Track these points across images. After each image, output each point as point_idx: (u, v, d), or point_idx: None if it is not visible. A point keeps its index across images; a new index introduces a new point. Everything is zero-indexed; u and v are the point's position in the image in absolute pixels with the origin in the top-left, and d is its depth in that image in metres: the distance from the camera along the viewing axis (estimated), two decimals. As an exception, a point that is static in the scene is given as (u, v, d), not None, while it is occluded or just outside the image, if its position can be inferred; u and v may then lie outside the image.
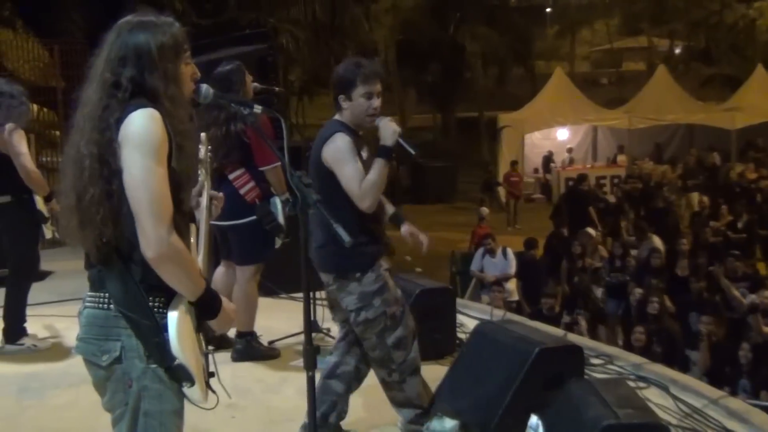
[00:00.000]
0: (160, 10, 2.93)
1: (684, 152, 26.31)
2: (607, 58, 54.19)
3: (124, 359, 2.77)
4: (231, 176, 6.05)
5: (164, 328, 2.74)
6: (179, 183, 2.83)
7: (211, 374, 2.96)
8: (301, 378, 3.41)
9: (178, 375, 2.75)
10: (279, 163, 5.92)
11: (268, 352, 6.45)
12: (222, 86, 5.74)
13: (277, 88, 7.46)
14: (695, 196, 20.43)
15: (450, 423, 4.80)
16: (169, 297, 2.79)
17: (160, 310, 2.77)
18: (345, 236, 3.15)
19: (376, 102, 4.45)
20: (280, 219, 6.08)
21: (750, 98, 25.64)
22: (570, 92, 26.75)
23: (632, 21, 50.04)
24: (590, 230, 15.72)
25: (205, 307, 2.86)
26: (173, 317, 2.75)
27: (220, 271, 6.45)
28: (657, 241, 14.57)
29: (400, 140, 4.33)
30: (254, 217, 6.05)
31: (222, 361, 6.01)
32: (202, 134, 3.74)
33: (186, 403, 2.88)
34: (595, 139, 27.85)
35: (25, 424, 5.33)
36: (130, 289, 2.75)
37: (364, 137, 4.50)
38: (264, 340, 6.57)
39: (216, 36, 10.63)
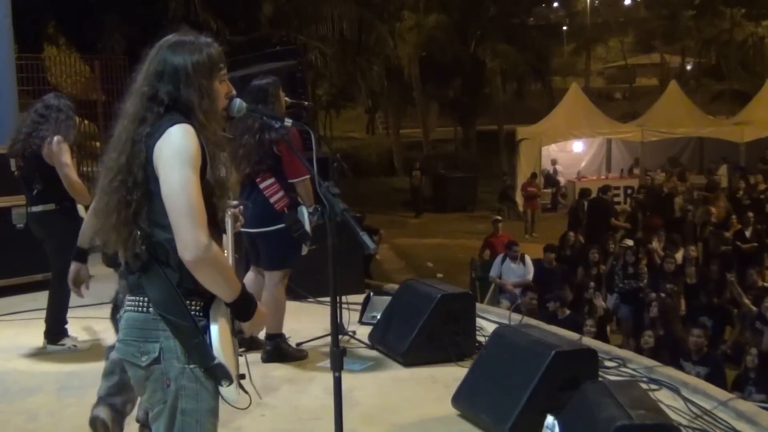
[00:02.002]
0: (197, 28, 3.25)
1: (695, 164, 26.52)
2: (621, 74, 53.84)
3: (162, 360, 2.83)
4: (262, 185, 6.13)
5: (204, 329, 2.82)
6: (212, 192, 2.91)
7: (242, 376, 2.97)
8: (327, 378, 3.47)
9: (218, 374, 2.81)
10: (308, 176, 5.99)
11: (297, 353, 6.49)
12: (256, 97, 5.94)
13: (306, 102, 7.52)
14: (713, 208, 20.78)
15: None
16: (205, 301, 2.86)
17: (198, 313, 2.84)
18: (369, 243, 3.20)
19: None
20: (307, 227, 6.09)
21: (759, 113, 25.64)
22: (585, 106, 26.83)
23: (645, 38, 50.17)
24: (629, 241, 15.68)
25: (242, 309, 2.91)
26: (216, 320, 2.84)
27: (250, 276, 6.53)
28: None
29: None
30: (283, 225, 6.08)
31: (252, 361, 6.07)
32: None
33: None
34: (609, 151, 27.86)
35: (65, 420, 5.34)
36: (169, 292, 2.81)
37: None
38: (292, 342, 6.60)
39: (248, 52, 10.58)
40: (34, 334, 6.95)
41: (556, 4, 48.47)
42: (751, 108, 26.84)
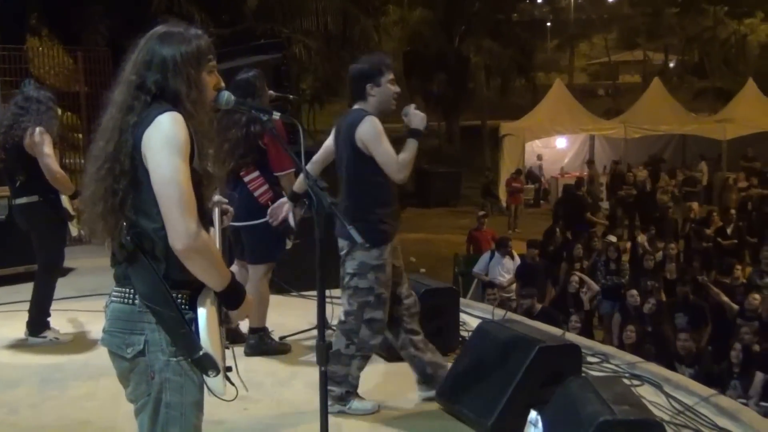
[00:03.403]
0: (182, 20, 3.23)
1: (677, 161, 26.64)
2: (605, 71, 54.07)
3: (147, 352, 2.82)
4: (246, 179, 6.15)
5: (191, 320, 2.80)
6: (200, 182, 2.88)
7: (229, 368, 2.97)
8: (311, 372, 3.52)
9: (205, 364, 2.80)
10: (293, 170, 6.01)
11: (280, 347, 6.50)
12: (246, 91, 5.99)
13: (290, 96, 7.50)
14: (696, 205, 20.86)
15: (370, 404, 5.16)
16: (192, 292, 2.85)
17: (184, 304, 2.83)
18: (358, 237, 3.25)
19: (397, 88, 5.07)
20: (291, 221, 6.01)
21: (741, 110, 25.90)
22: (569, 103, 26.95)
23: (629, 35, 50.32)
24: (612, 237, 15.96)
25: (231, 297, 2.91)
26: (203, 309, 2.82)
27: (234, 269, 6.45)
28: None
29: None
30: (267, 219, 5.91)
31: (235, 355, 6.41)
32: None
33: None
34: (592, 147, 27.98)
35: (46, 413, 5.33)
36: (155, 283, 2.78)
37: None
38: (276, 336, 6.60)
39: (233, 45, 10.57)
40: (16, 327, 6.92)
41: (540, 1, 48.55)
42: (733, 106, 27.05)
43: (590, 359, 6.13)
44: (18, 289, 8.07)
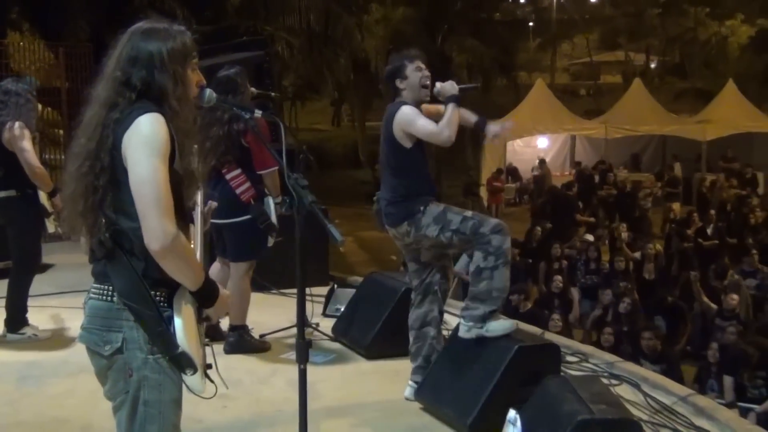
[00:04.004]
0: (163, 16, 3.23)
1: (657, 162, 26.85)
2: (586, 71, 54.23)
3: (125, 350, 2.82)
4: (228, 176, 6.14)
5: (169, 319, 2.80)
6: (180, 182, 2.89)
7: (209, 365, 2.99)
8: (290, 370, 3.52)
9: (182, 363, 2.80)
10: (276, 168, 6.05)
11: (260, 345, 6.51)
12: (228, 88, 6.00)
13: (272, 93, 7.48)
14: (677, 206, 20.97)
15: (509, 323, 5.08)
16: (169, 290, 2.84)
17: (163, 302, 2.83)
18: (337, 235, 3.22)
19: (426, 72, 5.19)
20: (273, 219, 6.12)
21: (721, 111, 25.93)
22: (550, 102, 26.96)
23: (610, 36, 50.67)
24: (589, 236, 16.03)
25: (205, 296, 2.91)
26: (180, 309, 2.83)
27: (216, 267, 6.54)
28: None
29: (460, 86, 5.12)
30: (249, 216, 6.11)
31: (215, 352, 6.39)
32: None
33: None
34: (573, 147, 28.03)
35: (24, 410, 5.29)
36: (134, 281, 2.78)
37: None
38: (255, 334, 6.62)
39: (215, 42, 10.16)
40: (-6, 324, 6.83)
41: (522, 0, 48.68)
42: (714, 107, 27.09)
43: (569, 358, 6.15)
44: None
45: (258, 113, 3.73)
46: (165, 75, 2.86)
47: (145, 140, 2.74)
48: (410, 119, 5.01)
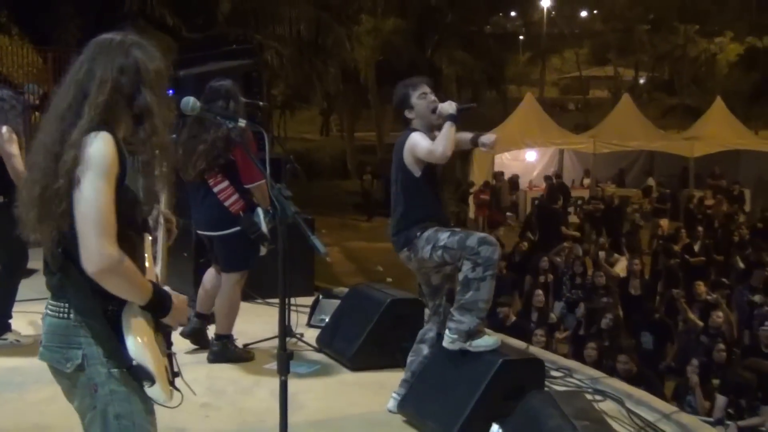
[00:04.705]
0: (153, 23, 3.17)
1: (645, 178, 26.90)
2: (575, 86, 54.58)
3: (86, 366, 2.80)
4: (216, 189, 6.11)
5: (120, 333, 2.78)
6: (133, 200, 2.85)
7: (176, 374, 2.96)
8: (274, 380, 3.47)
9: (138, 375, 2.78)
10: (264, 181, 5.97)
11: (244, 354, 6.47)
12: (229, 98, 6.05)
13: (261, 102, 7.49)
14: (665, 222, 20.98)
15: (492, 339, 5.03)
16: (122, 303, 2.81)
17: (116, 315, 2.80)
18: (321, 247, 3.22)
19: (432, 96, 5.21)
20: (264, 228, 6.10)
21: (709, 128, 26.02)
22: (539, 116, 26.87)
23: (600, 51, 50.94)
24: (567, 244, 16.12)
25: (157, 307, 2.87)
26: (128, 323, 2.79)
27: (210, 273, 6.56)
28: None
29: (458, 105, 5.07)
30: (239, 228, 6.09)
31: (198, 361, 6.19)
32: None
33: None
34: (561, 161, 28.05)
35: (5, 417, 5.25)
36: (87, 296, 2.76)
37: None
38: (239, 343, 6.58)
39: (205, 50, 10.15)
40: (-24, 329, 6.69)
41: (513, 14, 48.89)
42: (702, 123, 27.20)
43: (554, 373, 6.14)
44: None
45: (242, 122, 3.70)
46: (147, 90, 2.83)
47: (91, 161, 2.69)
48: (415, 142, 5.08)
